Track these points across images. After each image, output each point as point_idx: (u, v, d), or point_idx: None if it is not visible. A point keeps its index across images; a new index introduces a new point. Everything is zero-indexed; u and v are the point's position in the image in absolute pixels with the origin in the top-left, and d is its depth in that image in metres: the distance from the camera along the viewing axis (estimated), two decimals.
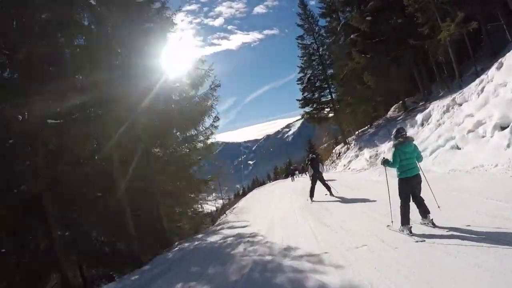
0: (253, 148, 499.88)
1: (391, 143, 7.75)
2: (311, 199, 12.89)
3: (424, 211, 5.90)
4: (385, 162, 6.31)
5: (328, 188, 12.94)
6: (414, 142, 6.11)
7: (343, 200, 11.19)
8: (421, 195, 6.00)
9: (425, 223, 5.95)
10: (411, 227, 5.68)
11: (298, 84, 34.67)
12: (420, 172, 6.07)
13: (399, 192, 5.98)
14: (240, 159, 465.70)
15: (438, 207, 6.17)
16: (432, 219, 5.81)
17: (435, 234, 5.33)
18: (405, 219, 5.80)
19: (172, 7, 12.89)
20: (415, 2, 18.87)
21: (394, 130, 6.24)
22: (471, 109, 12.52)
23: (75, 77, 11.03)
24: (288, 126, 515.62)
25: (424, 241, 5.11)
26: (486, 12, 18.73)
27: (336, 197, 12.24)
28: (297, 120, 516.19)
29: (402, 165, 5.89)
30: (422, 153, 6.53)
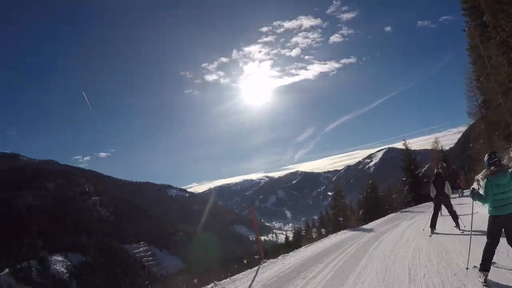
0: (333, 179, 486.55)
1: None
2: (432, 230, 10.56)
3: None
4: (475, 195, 5.17)
5: (455, 218, 10.46)
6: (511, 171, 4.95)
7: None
8: None
9: None
10: (488, 275, 4.77)
11: None
12: None
13: (488, 231, 4.96)
14: (319, 189, 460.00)
15: None
16: None
17: None
18: (485, 265, 4.82)
19: None
20: None
21: (486, 156, 5.17)
22: None
23: None
24: (370, 157, 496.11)
25: None
26: None
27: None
28: (379, 151, 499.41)
29: (495, 200, 4.78)
30: None
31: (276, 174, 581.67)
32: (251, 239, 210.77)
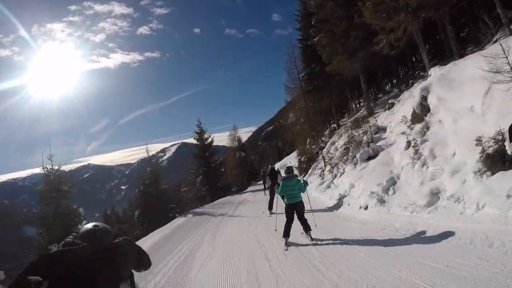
0: (126, 172, 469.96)
1: None
2: (270, 211, 12.71)
3: (305, 228, 7.64)
4: (277, 190, 8.29)
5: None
6: (297, 178, 7.95)
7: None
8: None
9: (306, 237, 7.62)
10: (288, 239, 7.54)
11: None
12: (305, 199, 8.05)
13: (286, 214, 7.77)
14: (112, 183, 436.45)
15: (315, 225, 8.20)
16: (310, 235, 7.58)
17: (302, 243, 7.38)
18: (286, 233, 7.60)
19: None
20: None
21: (286, 167, 8.67)
22: None
23: None
24: (163, 151, 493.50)
25: (287, 250, 7.18)
26: None
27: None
28: (172, 145, 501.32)
29: (287, 195, 7.68)
30: None
31: (67, 167, 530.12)
32: (42, 241, 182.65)
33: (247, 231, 10.57)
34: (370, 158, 11.55)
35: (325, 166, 17.08)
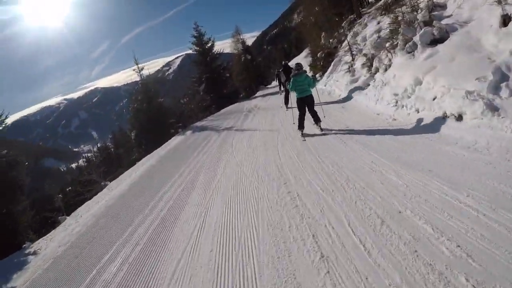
0: (134, 91, 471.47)
1: None
2: (286, 106, 13.27)
3: (315, 120, 8.16)
4: (289, 86, 8.68)
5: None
6: (306, 74, 8.21)
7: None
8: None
9: (317, 128, 8.16)
10: (303, 130, 8.22)
11: None
12: (315, 94, 8.40)
13: (298, 107, 8.23)
14: (121, 103, 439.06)
15: (324, 117, 8.56)
16: (320, 126, 8.10)
17: (316, 134, 7.93)
18: (300, 125, 8.24)
19: None
20: None
21: (295, 64, 8.42)
22: None
23: None
24: (168, 64, 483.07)
25: (305, 140, 7.74)
26: None
27: None
28: (176, 58, 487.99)
29: (297, 89, 8.01)
30: None
31: (75, 95, 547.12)
32: (62, 169, 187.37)
33: (264, 163, 7.25)
34: (435, 41, 7.87)
35: (353, 59, 13.64)
